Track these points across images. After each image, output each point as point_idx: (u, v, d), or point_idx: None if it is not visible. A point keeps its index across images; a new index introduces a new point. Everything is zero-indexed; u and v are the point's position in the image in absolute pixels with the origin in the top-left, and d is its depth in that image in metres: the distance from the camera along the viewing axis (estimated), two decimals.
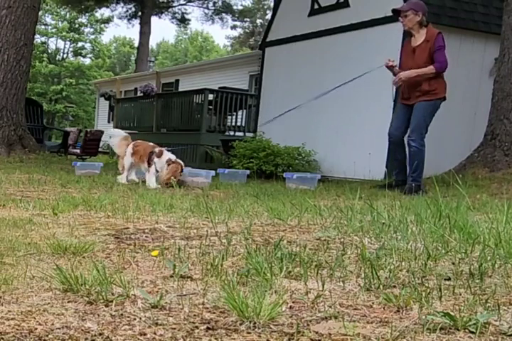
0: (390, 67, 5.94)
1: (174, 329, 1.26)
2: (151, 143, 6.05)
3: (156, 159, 5.67)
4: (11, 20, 10.56)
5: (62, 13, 46.67)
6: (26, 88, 11.41)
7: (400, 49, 8.26)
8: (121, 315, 1.35)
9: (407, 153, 5.92)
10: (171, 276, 1.70)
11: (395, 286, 1.57)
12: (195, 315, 1.35)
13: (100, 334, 1.23)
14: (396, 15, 6.01)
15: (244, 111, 12.96)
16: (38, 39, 41.28)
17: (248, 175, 7.39)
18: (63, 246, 2.03)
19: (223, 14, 38.65)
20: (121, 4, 35.17)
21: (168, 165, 5.64)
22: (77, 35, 49.05)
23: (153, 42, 67.31)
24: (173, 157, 5.77)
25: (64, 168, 8.20)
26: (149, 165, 5.69)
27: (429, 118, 5.92)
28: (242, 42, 46.40)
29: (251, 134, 11.30)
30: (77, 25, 48.94)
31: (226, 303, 1.36)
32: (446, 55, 5.73)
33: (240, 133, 12.38)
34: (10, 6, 10.52)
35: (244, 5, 42.82)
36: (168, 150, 6.05)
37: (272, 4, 27.10)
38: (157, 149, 5.82)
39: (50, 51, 48.38)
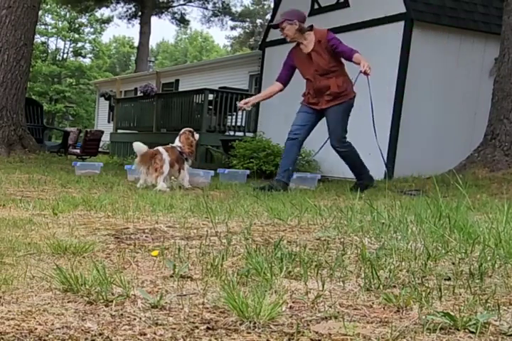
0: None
1: (174, 329, 1.26)
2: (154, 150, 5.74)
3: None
4: (11, 20, 10.57)
5: (62, 13, 46.67)
6: (26, 88, 11.42)
7: (400, 49, 8.30)
8: (121, 315, 1.35)
9: (340, 157, 5.88)
10: (171, 276, 1.70)
11: (395, 286, 1.57)
12: (195, 315, 1.35)
13: (100, 334, 1.23)
14: (275, 29, 5.88)
15: (244, 111, 12.94)
16: (38, 39, 41.30)
17: (248, 175, 7.39)
18: (63, 246, 2.03)
19: (222, 16, 38.65)
20: (121, 4, 35.21)
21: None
22: (77, 35, 49.07)
23: (153, 42, 67.39)
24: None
25: (64, 168, 8.20)
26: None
27: (345, 120, 5.77)
28: (242, 42, 46.41)
29: (251, 134, 11.31)
30: (77, 25, 48.93)
31: (226, 303, 1.36)
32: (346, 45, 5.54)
33: (240, 133, 12.38)
34: (10, 6, 10.52)
35: (244, 5, 42.86)
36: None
37: (272, 4, 27.10)
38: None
39: (50, 51, 48.38)
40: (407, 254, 1.90)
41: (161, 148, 5.55)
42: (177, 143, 5.72)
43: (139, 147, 5.46)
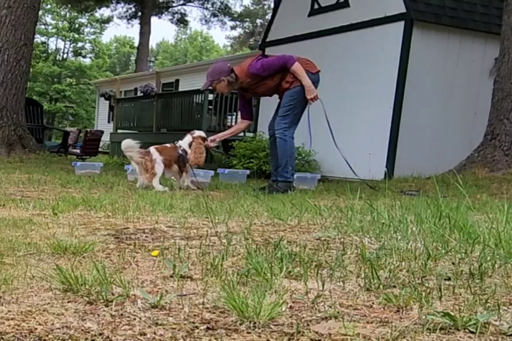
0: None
1: (174, 329, 1.26)
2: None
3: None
4: (11, 20, 10.57)
5: (62, 13, 46.70)
6: (26, 88, 11.42)
7: (400, 49, 8.30)
8: (121, 315, 1.35)
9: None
10: (171, 276, 1.70)
11: (395, 286, 1.57)
12: (195, 315, 1.35)
13: (100, 334, 1.23)
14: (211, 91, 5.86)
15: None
16: (38, 39, 41.31)
17: (248, 175, 7.39)
18: (63, 246, 2.03)
19: (222, 16, 38.64)
20: (121, 4, 35.24)
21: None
22: (77, 35, 49.09)
23: (153, 42, 67.44)
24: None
25: (64, 168, 8.20)
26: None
27: (295, 107, 5.40)
28: (242, 42, 46.41)
29: (251, 134, 11.30)
30: (77, 25, 48.98)
31: (226, 303, 1.36)
32: (272, 59, 5.38)
33: (240, 133, 12.37)
34: (10, 6, 10.52)
35: (244, 5, 42.81)
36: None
37: (272, 4, 27.10)
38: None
39: (50, 51, 48.40)
40: (407, 254, 1.90)
41: (152, 148, 5.35)
42: (182, 143, 5.50)
43: (127, 144, 5.23)
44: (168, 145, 5.57)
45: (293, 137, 5.41)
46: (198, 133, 5.66)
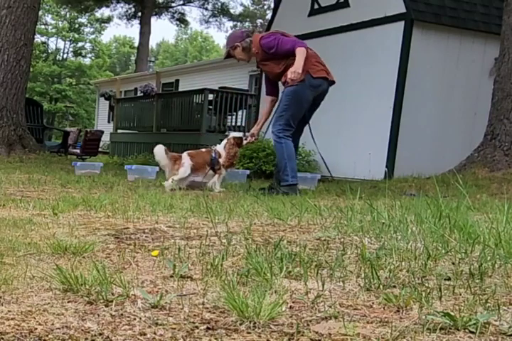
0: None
1: (174, 329, 1.26)
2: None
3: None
4: (11, 20, 10.57)
5: (62, 12, 46.71)
6: (26, 88, 11.43)
7: (400, 49, 8.30)
8: (121, 315, 1.35)
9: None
10: (171, 276, 1.70)
11: (395, 286, 1.57)
12: (195, 315, 1.35)
13: (100, 334, 1.23)
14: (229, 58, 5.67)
15: (244, 111, 12.97)
16: (38, 39, 41.31)
17: (248, 175, 7.39)
18: (63, 246, 2.03)
19: (221, 16, 38.61)
20: (121, 4, 35.23)
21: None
22: (77, 35, 49.11)
23: (153, 42, 67.44)
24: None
25: (64, 168, 8.20)
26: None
27: (289, 108, 5.15)
28: None
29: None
30: (77, 25, 48.99)
31: (226, 303, 1.36)
32: (287, 39, 5.13)
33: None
34: (10, 6, 10.53)
35: (244, 5, 42.79)
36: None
37: (272, 4, 27.12)
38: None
39: (50, 51, 48.42)
40: (407, 254, 1.90)
41: (185, 153, 5.54)
42: (218, 146, 5.58)
43: (156, 151, 5.46)
44: (203, 149, 5.74)
45: (290, 137, 5.22)
46: (231, 134, 5.74)
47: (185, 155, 5.50)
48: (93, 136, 14.30)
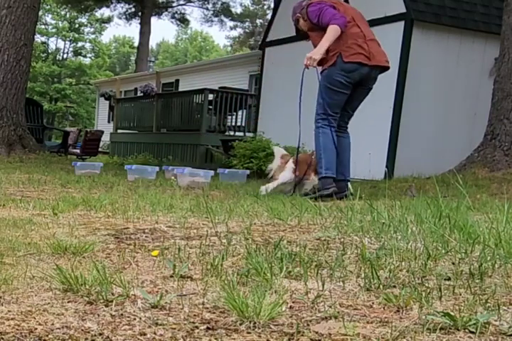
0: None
1: (174, 329, 1.26)
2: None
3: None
4: (11, 20, 10.57)
5: (62, 13, 46.70)
6: (26, 88, 11.42)
7: (400, 49, 8.29)
8: (121, 315, 1.35)
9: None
10: (171, 276, 1.70)
11: (395, 286, 1.57)
12: (195, 315, 1.35)
13: (100, 334, 1.23)
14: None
15: (244, 111, 12.97)
16: (38, 39, 41.35)
17: (248, 175, 7.39)
18: (63, 246, 2.03)
19: (222, 16, 38.62)
20: (121, 4, 35.24)
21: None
22: (77, 35, 49.12)
23: (153, 42, 67.44)
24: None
25: (64, 168, 8.20)
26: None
27: (324, 94, 4.77)
28: (242, 42, 46.41)
29: (251, 134, 11.30)
30: (77, 25, 49.00)
31: (226, 303, 1.36)
32: (330, 11, 4.61)
33: (240, 133, 12.38)
34: (10, 6, 10.52)
35: (244, 5, 42.80)
36: None
37: (272, 4, 27.11)
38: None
39: (50, 51, 48.42)
40: (407, 254, 1.90)
41: (292, 158, 5.20)
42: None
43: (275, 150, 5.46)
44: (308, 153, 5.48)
45: (329, 126, 4.84)
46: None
47: (291, 160, 5.16)
48: (93, 136, 14.30)
